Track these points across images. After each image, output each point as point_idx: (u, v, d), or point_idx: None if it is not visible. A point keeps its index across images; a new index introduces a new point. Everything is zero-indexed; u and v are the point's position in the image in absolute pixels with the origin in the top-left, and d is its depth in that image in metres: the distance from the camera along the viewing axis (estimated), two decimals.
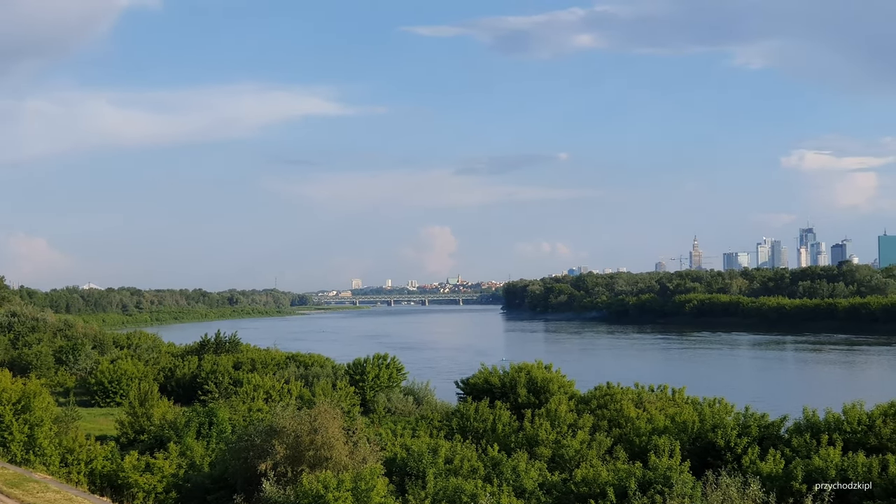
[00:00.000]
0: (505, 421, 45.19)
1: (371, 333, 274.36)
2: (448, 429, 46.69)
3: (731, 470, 33.95)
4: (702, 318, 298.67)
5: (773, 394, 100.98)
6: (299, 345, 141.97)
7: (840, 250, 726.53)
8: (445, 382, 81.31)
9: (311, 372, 74.72)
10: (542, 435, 41.54)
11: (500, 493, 32.41)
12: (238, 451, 36.73)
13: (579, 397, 55.13)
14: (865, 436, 38.28)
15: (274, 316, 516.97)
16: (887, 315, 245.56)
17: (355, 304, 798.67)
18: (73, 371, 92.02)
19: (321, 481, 30.23)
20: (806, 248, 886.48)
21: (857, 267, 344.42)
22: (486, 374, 60.99)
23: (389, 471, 35.34)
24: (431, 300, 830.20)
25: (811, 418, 40.71)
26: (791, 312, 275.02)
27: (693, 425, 42.22)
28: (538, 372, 59.19)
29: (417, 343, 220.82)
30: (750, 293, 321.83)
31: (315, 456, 34.23)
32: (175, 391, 75.73)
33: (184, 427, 48.05)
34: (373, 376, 72.67)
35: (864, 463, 33.43)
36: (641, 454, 38.41)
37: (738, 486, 30.84)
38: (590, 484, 33.16)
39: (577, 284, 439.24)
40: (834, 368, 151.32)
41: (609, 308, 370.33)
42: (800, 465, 34.19)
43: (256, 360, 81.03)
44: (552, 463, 39.28)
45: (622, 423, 45.83)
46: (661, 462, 33.56)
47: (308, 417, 35.34)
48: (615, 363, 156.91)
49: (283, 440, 34.66)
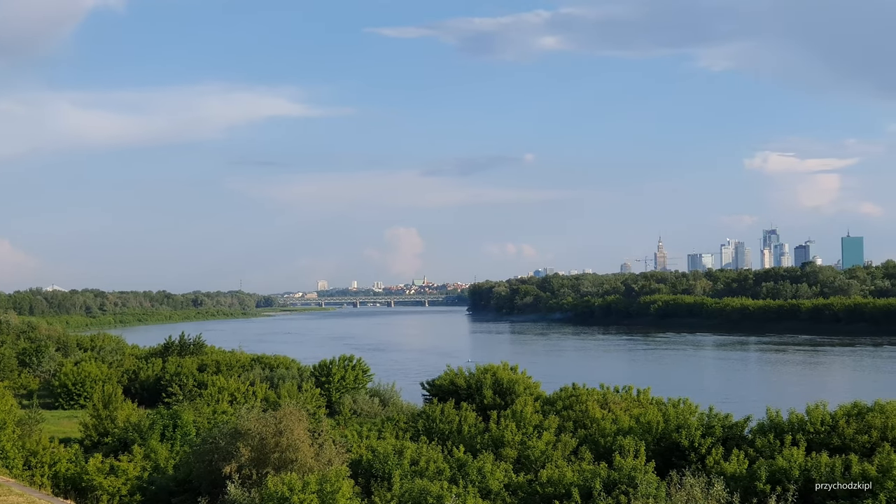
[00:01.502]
0: (471, 422, 45.23)
1: (337, 335, 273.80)
2: (414, 430, 46.68)
3: (695, 470, 34.10)
4: (666, 318, 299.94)
5: (736, 394, 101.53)
6: (264, 346, 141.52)
7: (803, 251, 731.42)
8: (411, 384, 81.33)
9: (276, 374, 74.60)
10: (508, 436, 41.60)
11: (465, 494, 32.44)
12: (202, 454, 36.59)
13: (545, 398, 55.23)
14: (829, 436, 38.52)
15: (239, 318, 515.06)
16: (850, 316, 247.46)
17: (321, 305, 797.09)
18: (37, 373, 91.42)
19: (286, 483, 30.16)
20: (769, 249, 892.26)
21: (820, 268, 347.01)
22: (451, 375, 61.04)
23: (355, 472, 35.32)
24: (397, 301, 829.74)
25: (775, 419, 40.93)
26: (754, 313, 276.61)
27: (657, 426, 42.38)
28: (504, 373, 59.28)
29: (383, 344, 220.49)
30: (714, 294, 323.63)
31: (280, 458, 34.15)
32: (139, 393, 75.43)
33: (148, 429, 47.86)
34: (339, 378, 72.61)
35: (828, 463, 33.63)
36: (606, 455, 38.53)
37: (702, 486, 30.99)
38: (555, 484, 33.25)
39: (543, 286, 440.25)
40: (797, 369, 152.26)
41: (575, 309, 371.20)
42: (763, 465, 34.37)
43: (221, 362, 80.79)
44: (518, 464, 39.34)
45: (587, 424, 45.95)
46: (626, 462, 33.68)
47: (273, 419, 35.25)
48: (581, 364, 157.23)
49: (247, 442, 34.55)
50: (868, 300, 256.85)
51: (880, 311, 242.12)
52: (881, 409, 39.56)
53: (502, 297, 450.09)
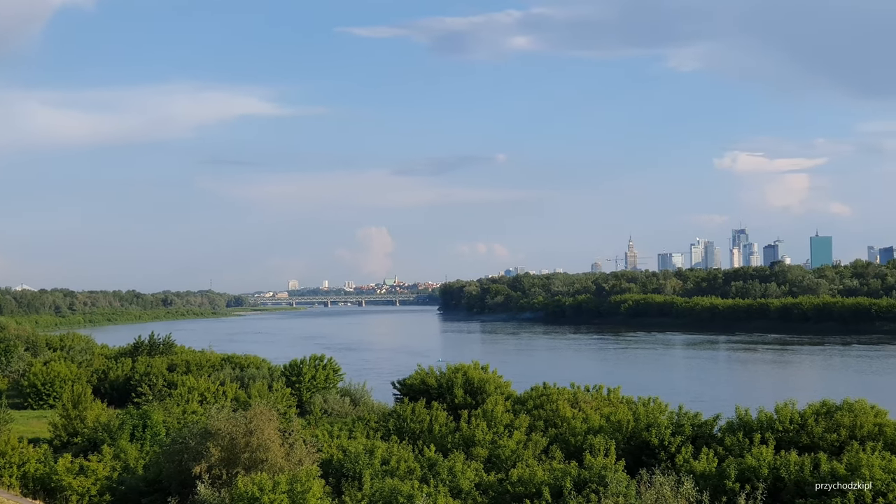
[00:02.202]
0: (441, 422, 45.23)
1: (308, 334, 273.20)
2: (385, 430, 46.66)
3: (664, 469, 34.21)
4: (637, 318, 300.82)
5: (706, 393, 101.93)
6: (235, 346, 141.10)
7: (772, 251, 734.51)
8: (382, 383, 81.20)
9: (246, 373, 74.37)
10: (479, 435, 41.65)
11: (436, 493, 32.46)
12: (172, 454, 36.46)
13: (515, 398, 55.32)
14: (798, 434, 38.74)
15: (209, 317, 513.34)
16: (819, 315, 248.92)
17: (292, 305, 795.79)
18: (6, 373, 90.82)
19: (256, 483, 30.10)
20: (739, 248, 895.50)
21: (789, 267, 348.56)
22: (422, 374, 61.00)
23: (326, 472, 35.26)
24: (368, 301, 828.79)
25: (744, 417, 41.12)
26: (724, 312, 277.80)
27: (628, 425, 42.52)
28: (475, 373, 59.29)
29: (354, 344, 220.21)
30: (684, 293, 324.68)
31: (250, 458, 34.07)
32: (109, 393, 75.04)
33: (118, 430, 47.63)
34: (309, 377, 72.46)
35: (797, 461, 33.80)
36: (577, 454, 38.64)
37: (671, 484, 31.10)
38: (525, 483, 33.30)
39: (514, 285, 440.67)
40: (766, 368, 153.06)
41: (545, 309, 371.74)
42: (733, 463, 34.51)
43: (191, 361, 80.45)
44: (488, 463, 39.38)
45: (558, 423, 46.05)
46: (597, 461, 33.76)
47: (243, 419, 35.17)
48: (551, 364, 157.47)
49: (217, 442, 34.45)
50: (836, 299, 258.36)
51: (848, 310, 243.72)
52: (849, 408, 39.82)
53: (473, 297, 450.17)
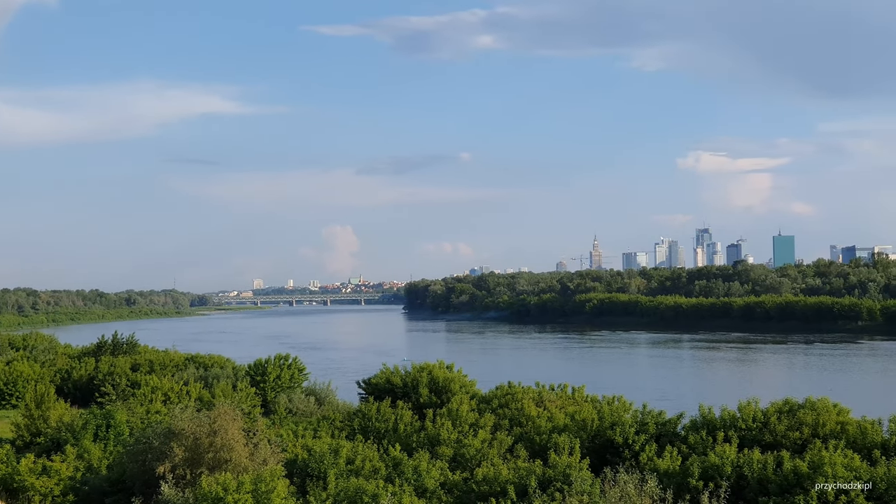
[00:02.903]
0: (406, 421, 45.20)
1: (273, 334, 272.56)
2: (350, 429, 46.59)
3: (629, 467, 34.33)
4: (601, 317, 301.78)
5: (670, 392, 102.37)
6: (199, 346, 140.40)
7: (735, 250, 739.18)
8: (347, 382, 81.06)
9: (210, 373, 74.06)
10: (444, 434, 41.65)
11: (401, 492, 32.45)
12: (136, 454, 36.28)
13: (481, 397, 55.38)
14: (760, 433, 38.96)
15: (173, 317, 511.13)
16: (781, 314, 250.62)
17: (256, 304, 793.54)
18: None
19: (221, 483, 30.00)
20: (702, 247, 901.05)
21: (751, 266, 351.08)
22: (387, 373, 60.94)
23: (290, 472, 35.17)
24: (333, 300, 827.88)
25: (707, 416, 41.32)
26: (688, 311, 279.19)
27: (592, 423, 42.65)
28: (440, 372, 59.30)
29: (319, 343, 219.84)
30: (648, 292, 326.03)
31: (214, 458, 33.95)
32: (72, 393, 74.55)
33: (81, 429, 47.32)
34: (274, 377, 72.27)
35: (760, 460, 34.00)
36: (542, 452, 38.71)
37: (635, 482, 31.22)
38: (490, 482, 33.34)
39: (479, 284, 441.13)
40: (730, 367, 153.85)
41: (510, 308, 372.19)
42: (696, 461, 34.68)
43: (155, 361, 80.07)
44: (453, 462, 39.40)
45: (523, 422, 46.11)
46: (561, 460, 33.85)
47: (207, 419, 35.04)
48: (516, 363, 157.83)
49: (181, 442, 34.31)
50: (799, 298, 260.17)
51: (811, 308, 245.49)
52: (812, 406, 40.08)
53: (438, 296, 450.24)
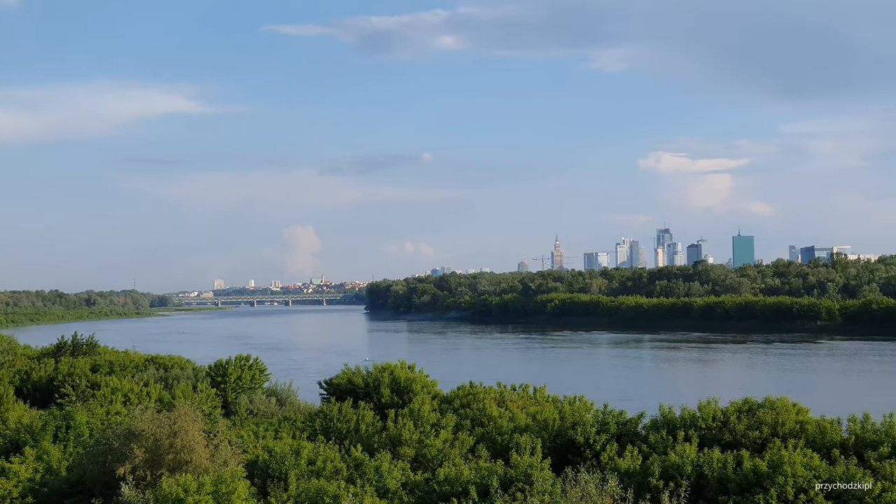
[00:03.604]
0: (368, 421, 45.13)
1: (233, 334, 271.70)
2: (311, 430, 46.47)
3: (590, 466, 34.44)
4: (563, 317, 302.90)
5: (631, 391, 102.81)
6: (159, 347, 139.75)
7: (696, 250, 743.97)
8: (309, 383, 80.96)
9: (171, 374, 73.70)
10: (406, 435, 41.61)
11: (362, 493, 32.39)
12: (96, 455, 36.02)
13: (442, 397, 55.36)
14: (720, 432, 39.16)
15: (133, 317, 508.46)
16: (741, 314, 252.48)
17: (217, 304, 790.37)
18: None
19: (181, 485, 29.84)
20: (663, 248, 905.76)
21: (711, 267, 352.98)
22: (349, 374, 60.85)
23: (251, 473, 35.03)
24: (295, 300, 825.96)
25: (667, 415, 41.48)
26: (648, 311, 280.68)
27: (554, 423, 42.74)
28: (401, 372, 59.27)
29: (281, 344, 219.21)
30: (609, 293, 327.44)
31: (175, 459, 33.77)
32: (31, 394, 73.98)
33: (40, 431, 46.94)
34: (235, 378, 71.98)
35: (720, 459, 34.16)
36: (503, 452, 38.74)
37: (596, 482, 31.27)
38: (452, 483, 33.33)
39: (441, 284, 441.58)
40: (690, 366, 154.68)
41: (472, 308, 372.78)
42: (657, 461, 34.81)
43: (115, 362, 79.58)
44: (415, 462, 39.38)
45: (484, 422, 46.14)
46: (523, 460, 33.89)
47: (168, 420, 34.84)
48: (478, 363, 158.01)
49: (141, 443, 34.11)
50: (758, 298, 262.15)
51: (770, 308, 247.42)
52: (771, 406, 40.34)
53: (400, 296, 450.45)
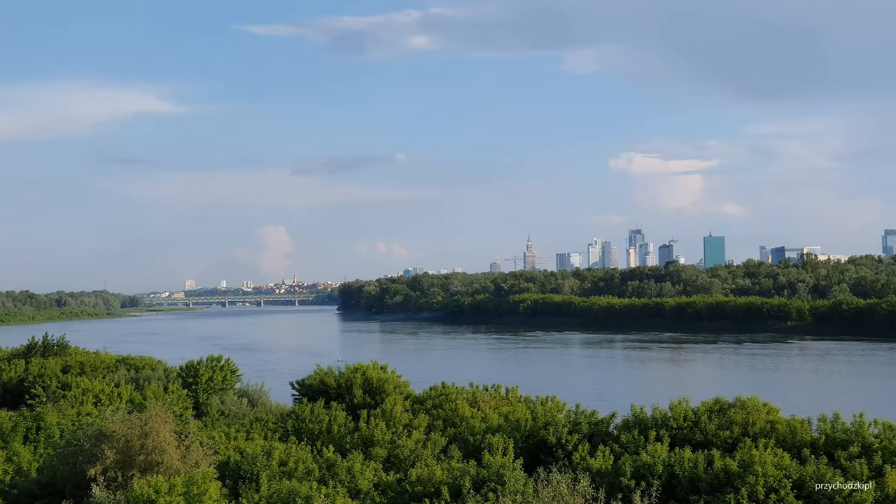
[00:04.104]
0: (340, 422, 45.08)
1: (205, 335, 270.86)
2: (283, 431, 46.39)
3: (562, 466, 34.45)
4: (535, 317, 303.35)
5: (603, 391, 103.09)
6: (130, 347, 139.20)
7: (667, 251, 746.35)
8: (281, 384, 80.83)
9: (142, 375, 73.38)
10: (378, 435, 41.59)
11: (334, 494, 32.34)
12: (67, 456, 35.83)
13: (415, 397, 55.34)
14: (691, 431, 39.28)
15: (104, 318, 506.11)
16: (712, 314, 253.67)
17: (189, 305, 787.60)
18: None
19: (152, 486, 29.74)
20: (635, 248, 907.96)
21: (683, 267, 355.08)
22: (321, 374, 60.76)
23: (223, 474, 34.94)
24: (267, 301, 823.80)
25: (639, 415, 41.58)
26: (620, 311, 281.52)
27: (526, 423, 42.77)
28: (374, 372, 59.23)
29: (253, 344, 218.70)
30: (582, 293, 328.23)
31: (146, 460, 33.65)
32: (1, 395, 73.59)
33: (10, 432, 46.70)
34: (206, 379, 71.75)
35: (691, 458, 34.28)
36: (476, 453, 38.76)
37: (568, 482, 31.33)
38: (424, 483, 33.33)
39: (413, 285, 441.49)
40: (661, 366, 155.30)
41: (444, 308, 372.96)
42: (628, 460, 34.89)
43: (85, 363, 79.18)
44: (387, 463, 39.34)
45: (457, 423, 46.17)
46: (495, 460, 33.91)
47: (139, 421, 34.71)
48: (450, 363, 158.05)
49: (112, 444, 33.97)
50: (729, 298, 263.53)
51: (741, 308, 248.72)
52: (742, 405, 40.47)
53: (372, 297, 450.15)
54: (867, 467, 33.14)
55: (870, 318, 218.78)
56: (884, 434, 36.03)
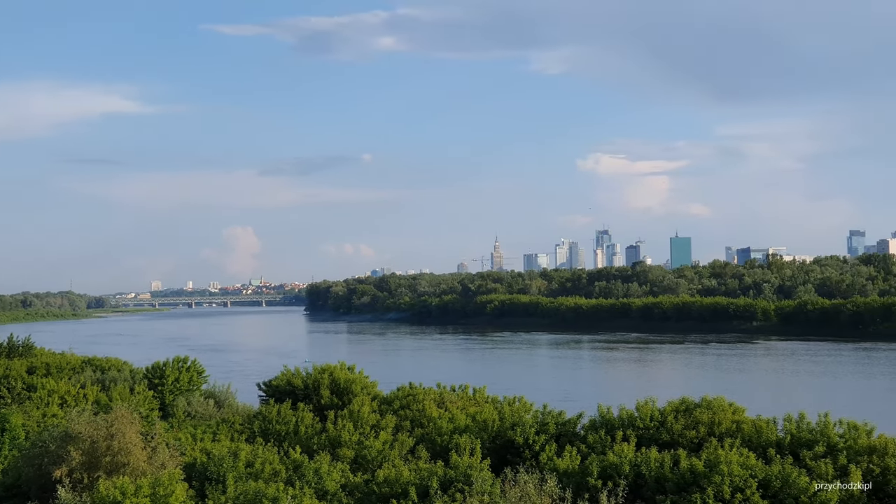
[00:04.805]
0: (307, 423, 45.00)
1: (171, 336, 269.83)
2: (250, 432, 46.24)
3: (529, 467, 34.51)
4: (503, 318, 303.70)
5: (570, 392, 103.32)
6: (96, 348, 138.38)
7: (634, 251, 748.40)
8: (248, 385, 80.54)
9: (108, 376, 72.95)
10: (345, 436, 41.54)
11: (301, 495, 32.27)
12: (32, 458, 35.63)
13: (382, 398, 55.29)
14: (658, 431, 39.43)
15: (70, 319, 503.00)
16: (679, 314, 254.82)
17: (155, 306, 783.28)
18: None
19: (118, 487, 29.61)
20: (602, 249, 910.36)
21: (650, 268, 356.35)
22: (288, 375, 60.60)
23: (189, 476, 34.82)
24: (234, 302, 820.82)
25: (606, 415, 41.71)
26: (588, 312, 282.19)
27: (493, 424, 42.82)
28: (341, 373, 59.13)
29: (220, 345, 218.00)
30: (549, 293, 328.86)
31: (112, 462, 33.51)
32: None
33: None
34: (172, 380, 71.39)
35: (657, 458, 34.42)
36: (443, 453, 38.78)
37: (535, 482, 31.40)
38: (392, 484, 33.33)
39: (380, 286, 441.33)
40: (628, 366, 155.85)
41: (412, 309, 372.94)
42: (595, 460, 34.99)
43: (51, 364, 78.63)
44: (355, 464, 39.29)
45: (424, 423, 46.18)
46: (462, 461, 33.94)
47: (105, 422, 34.56)
48: (418, 364, 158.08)
49: (78, 446, 33.80)
50: (696, 299, 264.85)
51: (707, 309, 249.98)
52: (708, 405, 40.68)
53: (340, 297, 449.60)
54: (832, 467, 33.38)
55: (835, 318, 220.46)
56: (849, 434, 36.32)
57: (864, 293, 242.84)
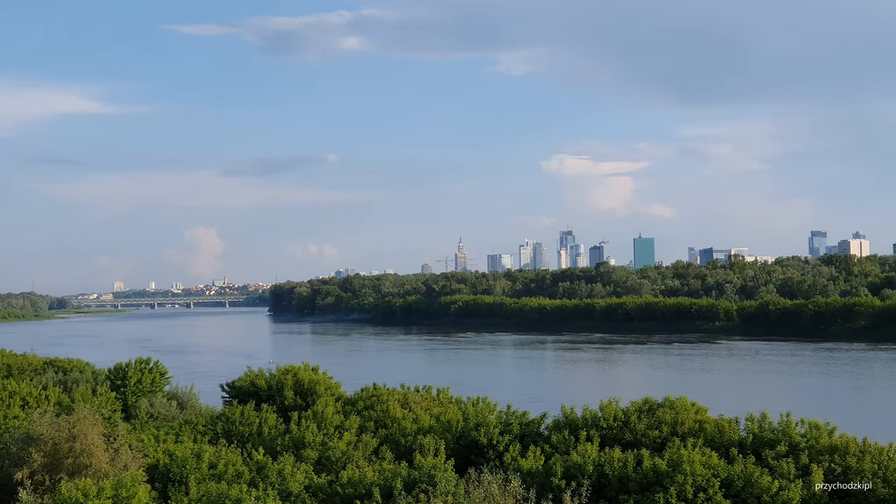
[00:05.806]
0: (271, 424, 44.91)
1: (134, 337, 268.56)
2: (213, 433, 46.11)
3: (493, 467, 34.59)
4: (467, 318, 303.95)
5: (534, 392, 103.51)
6: (58, 350, 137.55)
7: (598, 252, 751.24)
8: (211, 386, 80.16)
9: (70, 377, 72.49)
10: (309, 437, 41.47)
11: (265, 496, 32.21)
12: None
13: (346, 399, 55.22)
14: (621, 431, 39.61)
15: (31, 320, 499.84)
16: (642, 314, 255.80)
17: (117, 307, 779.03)
18: None
19: (80, 489, 29.45)
20: (566, 249, 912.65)
21: (613, 268, 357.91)
22: (252, 376, 60.43)
23: (152, 477, 34.68)
24: (197, 302, 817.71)
25: (570, 415, 41.84)
26: (551, 313, 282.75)
27: (457, 424, 42.87)
28: (305, 374, 59.01)
29: (183, 346, 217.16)
30: (513, 294, 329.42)
31: (74, 463, 33.34)
32: None
33: None
34: (135, 381, 71.00)
35: (621, 458, 34.57)
36: (407, 454, 38.79)
37: (499, 483, 31.47)
38: (356, 485, 33.31)
39: (345, 286, 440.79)
40: (592, 367, 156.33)
41: (376, 310, 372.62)
42: (559, 461, 35.10)
43: (12, 365, 78.09)
44: (319, 465, 39.24)
45: (388, 424, 46.16)
46: (426, 461, 33.98)
47: (66, 424, 34.39)
48: (382, 364, 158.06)
49: (40, 448, 33.62)
50: (658, 299, 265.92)
51: (670, 309, 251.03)
52: (671, 405, 40.91)
53: (304, 298, 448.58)
54: (794, 466, 33.63)
55: (796, 318, 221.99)
56: (810, 433, 36.60)
57: (826, 294, 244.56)
